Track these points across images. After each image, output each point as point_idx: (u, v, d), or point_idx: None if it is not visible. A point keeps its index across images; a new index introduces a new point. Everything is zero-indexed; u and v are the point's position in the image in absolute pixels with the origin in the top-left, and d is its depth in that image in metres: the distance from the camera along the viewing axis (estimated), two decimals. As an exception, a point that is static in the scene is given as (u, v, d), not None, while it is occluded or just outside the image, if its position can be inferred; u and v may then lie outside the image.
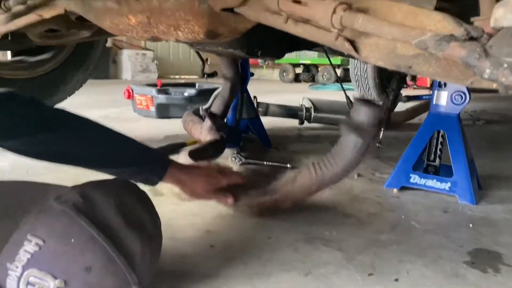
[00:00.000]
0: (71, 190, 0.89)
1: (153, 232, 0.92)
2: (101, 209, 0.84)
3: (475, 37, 0.54)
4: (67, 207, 0.82)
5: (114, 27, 1.35)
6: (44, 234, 0.79)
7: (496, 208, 1.59)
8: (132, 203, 0.91)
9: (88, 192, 0.87)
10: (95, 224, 0.80)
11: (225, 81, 2.21)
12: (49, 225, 0.81)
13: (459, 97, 1.64)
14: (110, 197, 0.87)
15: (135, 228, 0.85)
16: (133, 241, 0.83)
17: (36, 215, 0.82)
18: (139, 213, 0.91)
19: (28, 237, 0.78)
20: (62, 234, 0.80)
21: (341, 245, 1.22)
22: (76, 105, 3.65)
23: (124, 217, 0.84)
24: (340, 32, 0.71)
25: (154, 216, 0.96)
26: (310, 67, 10.96)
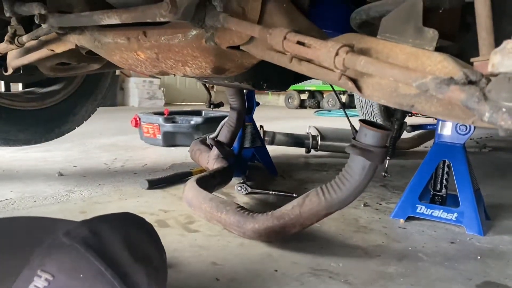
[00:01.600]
0: (80, 225, 0.90)
1: (159, 266, 0.93)
2: (109, 244, 0.85)
3: (474, 81, 0.56)
4: (76, 242, 0.83)
5: (123, 62, 1.39)
6: (54, 269, 0.80)
7: (505, 239, 1.57)
8: (139, 237, 0.92)
9: (97, 227, 0.88)
10: (103, 259, 0.81)
11: (231, 111, 2.24)
12: (59, 260, 0.82)
13: (463, 127, 1.66)
14: (118, 232, 0.89)
15: (142, 262, 0.86)
16: (139, 275, 0.84)
17: (45, 250, 0.83)
18: (146, 247, 0.92)
19: (38, 272, 0.79)
20: (71, 269, 0.81)
21: (348, 278, 1.21)
22: (85, 134, 3.71)
23: (131, 252, 0.86)
24: (343, 72, 0.73)
25: (160, 249, 0.97)
26: (315, 94, 11.06)
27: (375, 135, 1.22)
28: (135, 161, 2.86)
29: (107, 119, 5.62)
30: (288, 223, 1.32)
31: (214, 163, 2.09)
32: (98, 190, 2.06)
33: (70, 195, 1.95)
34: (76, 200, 1.88)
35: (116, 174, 2.45)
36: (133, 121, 3.74)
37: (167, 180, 2.21)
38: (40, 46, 1.58)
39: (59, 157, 2.89)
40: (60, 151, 3.12)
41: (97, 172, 2.47)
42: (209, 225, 1.58)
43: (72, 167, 2.59)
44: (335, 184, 1.31)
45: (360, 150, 1.23)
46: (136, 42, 1.25)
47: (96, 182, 2.20)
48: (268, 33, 0.83)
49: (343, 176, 1.30)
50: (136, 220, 1.01)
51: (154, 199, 1.95)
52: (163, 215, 1.71)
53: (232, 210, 1.42)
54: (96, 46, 1.39)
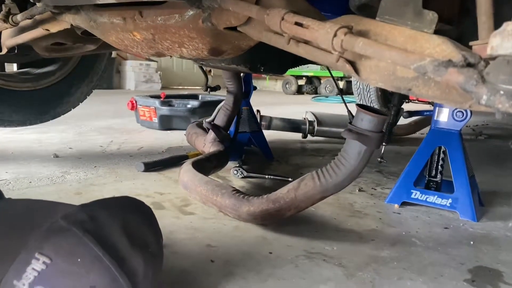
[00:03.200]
0: (79, 209, 0.90)
1: (155, 251, 0.93)
2: (107, 229, 0.86)
3: (472, 64, 0.55)
4: (74, 226, 0.83)
5: (119, 42, 1.37)
6: (52, 253, 0.80)
7: (498, 225, 1.59)
8: (137, 222, 0.93)
9: (95, 212, 0.89)
10: (101, 244, 0.82)
11: (228, 95, 2.23)
12: (57, 244, 0.82)
13: (460, 113, 1.66)
14: (116, 217, 0.89)
15: (139, 247, 0.86)
16: (136, 260, 0.85)
17: (44, 234, 0.83)
18: (143, 232, 0.92)
19: (36, 255, 0.79)
20: (69, 253, 0.81)
21: (342, 261, 1.22)
22: (80, 116, 3.69)
23: (128, 237, 0.86)
24: (341, 54, 0.72)
25: (157, 233, 0.97)
26: (312, 79, 11.01)
27: (371, 119, 1.22)
28: (131, 144, 2.85)
29: (103, 102, 5.59)
30: (283, 206, 1.32)
31: (210, 146, 2.09)
32: (93, 172, 2.06)
33: (66, 177, 1.95)
34: (71, 182, 1.88)
35: (112, 156, 2.44)
36: (130, 104, 3.72)
37: (163, 163, 2.20)
38: (35, 26, 1.56)
39: (54, 139, 2.87)
40: (55, 133, 3.10)
41: (93, 155, 2.46)
42: (205, 208, 1.58)
43: (68, 149, 2.58)
44: (330, 168, 1.31)
45: (356, 135, 1.22)
46: (132, 23, 1.23)
47: (91, 164, 2.20)
48: (265, 13, 0.82)
49: (338, 160, 1.30)
50: (134, 205, 1.00)
51: (150, 181, 1.95)
52: (159, 198, 1.71)
53: (227, 193, 1.42)
54: (92, 26, 1.37)
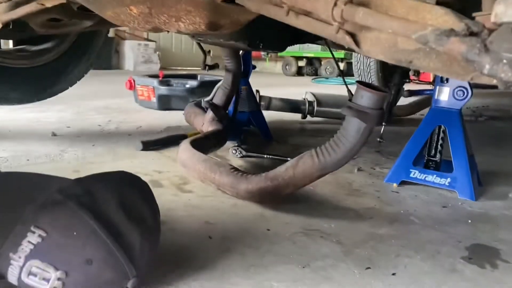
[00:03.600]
0: (75, 183, 0.89)
1: (152, 225, 0.93)
2: (103, 203, 0.85)
3: (476, 32, 0.54)
4: (70, 200, 0.83)
5: (115, 17, 1.34)
6: (47, 226, 0.80)
7: (496, 204, 1.59)
8: (133, 197, 0.92)
9: (91, 186, 0.88)
10: (97, 218, 0.82)
11: (227, 73, 2.21)
12: (53, 217, 0.82)
13: (461, 92, 1.64)
14: (112, 191, 0.89)
15: (135, 222, 0.86)
16: (133, 234, 0.84)
17: (40, 207, 0.83)
18: (140, 206, 0.92)
19: (31, 228, 0.79)
20: (65, 226, 0.81)
21: (340, 238, 1.22)
22: (78, 96, 3.67)
23: (125, 211, 0.86)
24: (341, 25, 0.70)
25: (154, 208, 0.97)
26: (313, 61, 10.92)
27: (371, 96, 1.21)
28: (129, 123, 2.84)
29: (101, 81, 5.55)
30: (281, 184, 1.32)
31: (208, 126, 2.08)
32: (92, 150, 2.05)
33: (64, 155, 1.94)
34: (69, 160, 1.87)
35: (110, 135, 2.43)
36: (128, 83, 3.69)
37: (162, 142, 2.19)
38: (30, 0, 1.53)
39: (52, 118, 2.86)
40: (53, 112, 3.08)
41: (91, 133, 2.45)
42: (203, 186, 1.58)
43: (66, 127, 2.57)
44: (329, 146, 1.30)
45: (356, 112, 1.21)
46: (128, -4, 1.21)
47: (90, 143, 2.19)
48: (264, -16, 0.80)
49: (337, 138, 1.29)
50: (131, 179, 1.00)
51: (148, 160, 1.94)
52: (157, 176, 1.71)
53: (226, 171, 1.41)
54: (88, 0, 1.35)
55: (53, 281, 0.77)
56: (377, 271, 1.05)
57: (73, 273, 0.78)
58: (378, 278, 1.02)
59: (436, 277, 1.04)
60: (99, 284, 0.82)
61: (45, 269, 0.77)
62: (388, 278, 1.02)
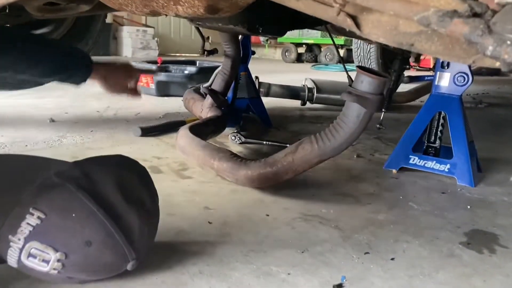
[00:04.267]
0: (73, 166, 0.89)
1: (151, 208, 0.93)
2: (101, 186, 0.85)
3: (479, 13, 0.53)
4: (69, 182, 0.83)
5: (113, 0, 1.32)
6: (46, 208, 0.80)
7: (495, 190, 1.59)
8: (132, 180, 0.92)
9: (89, 169, 0.88)
10: (95, 200, 0.81)
11: (226, 59, 2.19)
12: (51, 199, 0.82)
13: (461, 78, 1.63)
14: (110, 174, 0.88)
15: (134, 205, 0.86)
16: (131, 217, 0.84)
17: (38, 189, 0.82)
18: (138, 190, 0.92)
19: (30, 210, 0.79)
20: (64, 208, 0.81)
21: (338, 224, 1.22)
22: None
23: (123, 194, 0.85)
24: (342, 7, 0.69)
25: (152, 192, 0.97)
26: (312, 47, 10.84)
27: (371, 81, 1.20)
28: (128, 109, 2.83)
29: (100, 68, 5.51)
30: (280, 169, 1.32)
31: (207, 112, 2.07)
32: (90, 136, 2.04)
33: (62, 141, 1.93)
34: (68, 146, 1.87)
35: (109, 121, 2.42)
36: (126, 69, 3.66)
37: (161, 128, 2.19)
38: (26, -17, 1.51)
39: (50, 104, 2.84)
40: (51, 98, 3.06)
41: (90, 119, 2.44)
42: (202, 172, 1.58)
43: (64, 114, 2.55)
44: (329, 132, 1.29)
45: (356, 97, 1.20)
46: (125, -21, 1.19)
47: (88, 129, 2.18)
48: (264, -35, 0.78)
49: (337, 123, 1.28)
50: (129, 163, 0.99)
51: (147, 146, 1.94)
52: (157, 162, 1.70)
53: (225, 156, 1.41)
54: (84, -17, 1.33)
55: (53, 262, 0.78)
56: (376, 256, 1.05)
57: (73, 255, 0.79)
58: (377, 263, 1.02)
59: (434, 262, 1.05)
60: (98, 266, 0.82)
61: (45, 250, 0.78)
62: (387, 263, 1.03)
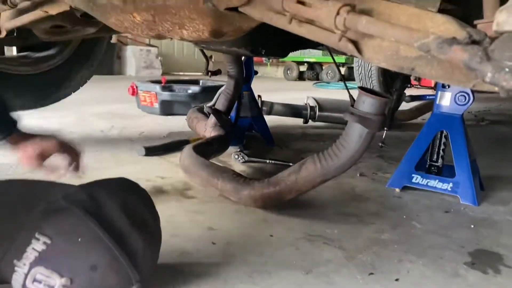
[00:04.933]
0: (79, 189, 0.90)
1: (154, 230, 0.94)
2: (107, 209, 0.86)
3: (477, 41, 0.54)
4: (75, 206, 0.83)
5: (119, 24, 1.35)
6: (52, 233, 0.80)
7: (498, 209, 1.59)
8: (135, 203, 0.93)
9: (95, 192, 0.89)
10: (101, 224, 0.82)
11: (229, 79, 2.22)
12: (57, 224, 0.82)
13: (462, 97, 1.64)
14: (115, 197, 0.89)
15: (138, 227, 0.87)
16: (136, 239, 0.85)
17: (44, 213, 0.83)
18: (142, 212, 0.93)
19: (36, 235, 0.80)
20: (69, 233, 0.82)
21: (342, 244, 1.22)
22: (81, 101, 3.68)
23: (128, 217, 0.86)
24: (343, 33, 0.71)
25: (154, 214, 0.98)
26: (314, 65, 10.94)
27: (373, 102, 1.21)
28: (132, 129, 2.85)
29: (104, 87, 5.56)
30: (284, 189, 1.32)
31: (211, 131, 2.08)
32: (94, 156, 2.06)
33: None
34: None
35: (113, 141, 2.44)
36: (130, 89, 3.70)
37: (164, 148, 2.20)
38: (34, 8, 1.54)
39: (55, 124, 2.87)
40: (56, 118, 3.09)
41: (94, 139, 2.46)
42: (206, 192, 1.58)
43: (69, 133, 2.58)
44: (331, 151, 1.30)
45: (357, 117, 1.22)
46: (132, 3, 1.22)
47: (93, 149, 2.19)
48: (267, -8, 0.81)
49: (340, 143, 1.29)
50: (131, 185, 1.01)
51: (151, 165, 1.95)
52: (160, 182, 1.71)
53: (228, 176, 1.42)
54: (91, 7, 1.36)
55: (58, 287, 0.78)
56: (380, 277, 1.05)
57: (78, 280, 0.79)
58: (381, 284, 1.02)
59: (438, 282, 1.05)
60: None
61: (50, 276, 0.78)
62: (391, 283, 1.03)
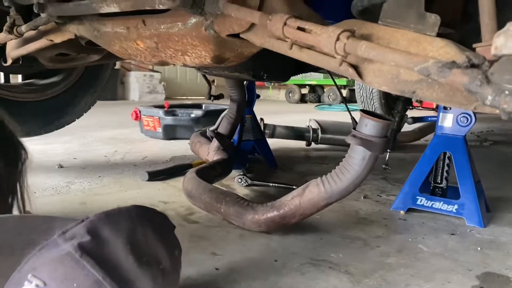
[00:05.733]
0: (78, 224, 0.82)
1: (168, 266, 0.84)
2: (110, 247, 0.77)
3: (477, 64, 0.55)
4: (71, 246, 0.77)
5: (122, 51, 1.38)
6: (46, 276, 0.73)
7: (505, 230, 1.57)
8: (146, 235, 0.83)
9: (97, 228, 0.79)
10: (101, 266, 0.74)
11: (231, 103, 2.23)
12: (51, 266, 0.74)
13: (464, 119, 1.65)
14: (122, 231, 0.79)
15: (148, 265, 0.78)
16: (143, 281, 0.75)
17: (38, 254, 0.76)
18: (154, 246, 0.82)
19: (28, 277, 0.74)
20: (64, 278, 0.73)
21: (348, 268, 1.21)
22: (84, 127, 3.71)
23: (135, 254, 0.77)
24: (344, 58, 0.72)
25: (171, 245, 0.88)
26: (316, 88, 11.03)
27: (375, 125, 1.22)
28: (135, 153, 2.86)
29: (107, 112, 5.61)
30: (288, 213, 1.32)
31: (214, 155, 2.09)
32: (98, 181, 2.06)
33: (70, 187, 1.95)
34: (76, 192, 1.88)
35: (116, 166, 2.44)
36: (133, 114, 3.73)
37: (167, 172, 2.20)
38: (39, 36, 1.57)
39: (59, 150, 2.88)
40: (60, 144, 3.11)
41: (97, 164, 2.47)
42: (209, 216, 1.57)
43: (72, 159, 2.59)
44: (335, 174, 1.30)
45: (360, 140, 1.22)
46: (135, 31, 1.24)
47: (96, 174, 2.20)
48: (268, 19, 0.82)
49: (343, 166, 1.29)
50: (144, 214, 0.90)
51: (154, 190, 1.94)
52: (163, 206, 1.71)
53: (231, 200, 1.41)
54: (95, 35, 1.38)
55: None
56: (387, 302, 1.03)
57: None
58: (388, 309, 1.00)
59: (447, 307, 1.03)
60: None
61: None
62: (398, 309, 1.01)
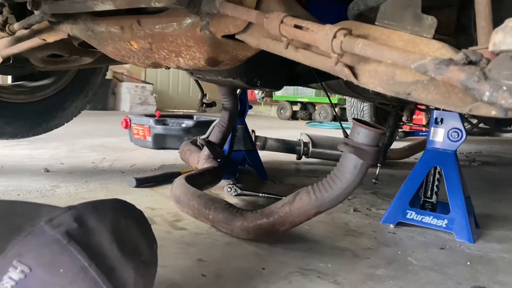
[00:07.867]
0: (65, 212, 0.83)
1: (148, 258, 0.87)
2: (95, 235, 0.78)
3: (474, 61, 0.55)
4: (59, 233, 0.76)
5: (116, 52, 1.37)
6: (32, 262, 0.73)
7: (494, 247, 1.56)
8: (129, 227, 0.86)
9: (83, 216, 0.81)
10: (87, 253, 0.74)
11: (224, 111, 2.22)
12: (38, 252, 0.74)
13: (455, 133, 1.65)
14: (106, 221, 0.81)
15: (130, 255, 0.79)
16: (127, 270, 0.78)
17: (24, 239, 0.76)
18: (135, 238, 0.85)
19: (14, 263, 0.73)
20: (51, 263, 0.73)
21: (336, 278, 1.18)
22: (74, 134, 3.67)
23: (119, 244, 0.79)
24: (340, 57, 0.72)
25: (150, 239, 0.91)
26: (307, 105, 11.09)
27: (368, 133, 1.21)
28: (123, 161, 2.82)
29: (97, 121, 5.57)
30: (277, 220, 1.30)
31: (204, 163, 2.07)
32: (84, 186, 2.02)
33: (56, 190, 1.91)
34: (61, 195, 1.84)
35: (104, 172, 2.40)
36: (123, 122, 3.70)
37: (156, 179, 2.17)
38: (32, 35, 1.56)
39: (46, 155, 2.84)
40: (47, 149, 3.07)
41: (84, 170, 2.43)
42: (197, 223, 1.54)
43: (59, 164, 2.54)
44: (326, 182, 1.29)
45: (352, 148, 1.21)
46: (129, 31, 1.23)
47: (82, 179, 2.16)
48: (265, 17, 0.82)
49: (334, 174, 1.28)
50: (126, 208, 0.93)
51: (141, 197, 1.91)
52: (150, 213, 1.67)
53: (220, 207, 1.39)
54: (89, 35, 1.37)
55: None
56: (376, 312, 1.01)
57: None
58: (377, 319, 0.98)
59: (437, 319, 1.01)
60: None
61: None
62: (387, 319, 0.99)
